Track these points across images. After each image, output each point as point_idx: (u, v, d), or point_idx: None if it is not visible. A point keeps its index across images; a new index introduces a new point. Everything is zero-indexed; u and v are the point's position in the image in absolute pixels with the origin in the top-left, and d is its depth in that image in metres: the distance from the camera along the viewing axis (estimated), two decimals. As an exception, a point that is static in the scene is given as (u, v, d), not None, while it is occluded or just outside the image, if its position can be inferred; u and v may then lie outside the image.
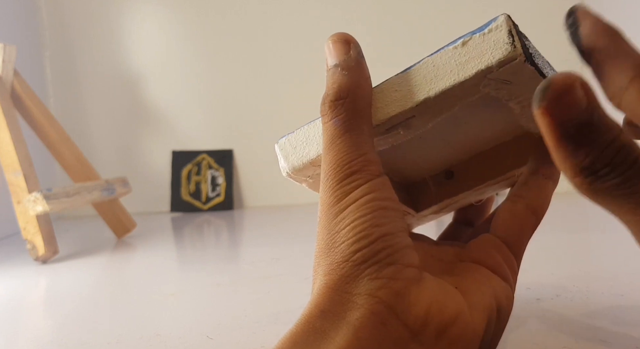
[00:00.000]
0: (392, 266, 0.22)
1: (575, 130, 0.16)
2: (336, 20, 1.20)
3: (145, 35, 1.22)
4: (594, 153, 0.16)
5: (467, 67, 0.24)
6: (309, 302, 0.23)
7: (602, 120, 0.16)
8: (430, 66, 0.25)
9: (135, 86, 1.22)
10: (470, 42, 0.24)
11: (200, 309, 0.43)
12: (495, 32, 0.24)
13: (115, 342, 0.36)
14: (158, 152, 1.24)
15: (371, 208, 0.22)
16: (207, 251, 0.72)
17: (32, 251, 0.68)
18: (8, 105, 0.72)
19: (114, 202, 0.85)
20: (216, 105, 1.23)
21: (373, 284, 0.22)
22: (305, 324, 0.22)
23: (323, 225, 0.23)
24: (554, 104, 0.16)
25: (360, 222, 0.22)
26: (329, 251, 0.23)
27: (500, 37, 0.24)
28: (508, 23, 0.24)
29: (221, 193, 1.21)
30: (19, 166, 0.69)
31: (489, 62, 0.23)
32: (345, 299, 0.22)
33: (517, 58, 0.23)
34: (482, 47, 0.24)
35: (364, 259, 0.22)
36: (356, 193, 0.23)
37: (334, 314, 0.21)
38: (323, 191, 0.24)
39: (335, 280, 0.22)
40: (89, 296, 0.52)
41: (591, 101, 0.16)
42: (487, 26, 0.24)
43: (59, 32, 1.21)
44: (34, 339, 0.39)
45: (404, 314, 0.21)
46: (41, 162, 0.89)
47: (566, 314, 0.36)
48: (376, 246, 0.22)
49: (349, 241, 0.22)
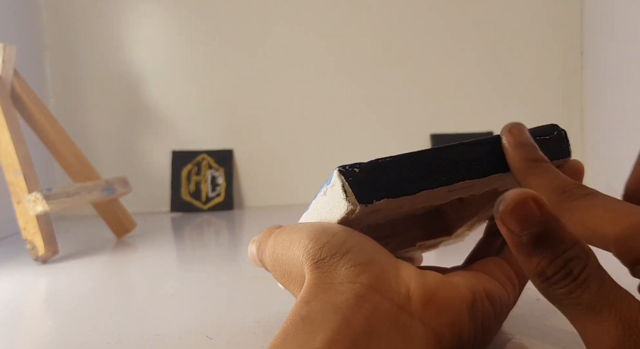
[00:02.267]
0: (366, 253, 0.24)
1: (528, 239, 0.19)
2: (336, 21, 1.20)
3: (145, 35, 1.22)
4: (545, 262, 0.19)
5: (333, 214, 0.26)
6: (296, 301, 0.24)
7: (556, 233, 0.19)
8: (315, 209, 0.28)
9: (135, 86, 1.22)
10: (327, 193, 0.26)
11: (200, 309, 0.43)
12: (335, 188, 0.25)
13: (115, 342, 0.36)
14: (158, 152, 1.24)
15: None
16: (207, 251, 0.72)
17: (32, 251, 0.68)
18: (8, 105, 0.72)
19: (114, 202, 0.85)
20: (216, 105, 1.23)
21: (352, 271, 0.23)
22: (293, 316, 0.22)
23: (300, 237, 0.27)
24: (507, 217, 0.19)
25: None
26: (307, 251, 0.25)
27: (338, 193, 0.25)
28: (341, 179, 0.25)
29: (221, 193, 1.21)
30: (19, 166, 0.69)
31: (341, 213, 0.25)
32: (327, 289, 0.23)
33: (357, 208, 0.25)
34: (332, 198, 0.26)
35: (335, 250, 0.24)
36: None
37: (318, 302, 0.22)
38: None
39: (315, 277, 0.24)
40: (89, 296, 0.52)
41: (544, 214, 0.19)
42: (330, 180, 0.26)
43: (59, 32, 1.20)
44: (34, 339, 0.39)
45: (386, 292, 0.22)
46: (41, 162, 0.89)
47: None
48: (338, 239, 0.24)
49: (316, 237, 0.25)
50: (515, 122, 0.27)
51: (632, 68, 0.91)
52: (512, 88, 1.20)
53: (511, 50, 1.19)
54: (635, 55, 0.90)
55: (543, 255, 0.19)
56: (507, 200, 0.19)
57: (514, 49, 1.19)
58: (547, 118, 1.18)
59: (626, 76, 0.94)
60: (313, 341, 0.20)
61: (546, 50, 1.18)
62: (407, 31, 1.20)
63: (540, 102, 1.19)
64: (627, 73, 0.93)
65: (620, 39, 0.96)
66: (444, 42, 1.20)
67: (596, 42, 1.09)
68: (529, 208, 0.18)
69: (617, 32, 0.98)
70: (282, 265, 0.27)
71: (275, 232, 0.29)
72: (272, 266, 0.28)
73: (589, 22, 1.13)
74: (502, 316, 0.26)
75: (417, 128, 1.20)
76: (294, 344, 0.21)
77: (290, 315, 0.23)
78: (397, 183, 0.25)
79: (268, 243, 0.29)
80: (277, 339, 0.22)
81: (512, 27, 1.19)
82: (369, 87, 1.21)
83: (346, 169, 0.25)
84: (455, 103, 1.21)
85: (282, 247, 0.27)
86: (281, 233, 0.28)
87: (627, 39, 0.93)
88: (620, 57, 0.96)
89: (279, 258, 0.27)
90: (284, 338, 0.21)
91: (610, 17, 1.02)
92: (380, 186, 0.25)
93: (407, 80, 1.21)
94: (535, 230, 0.18)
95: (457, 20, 1.20)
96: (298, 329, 0.21)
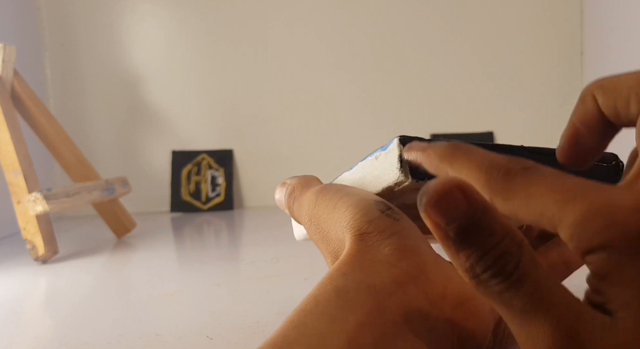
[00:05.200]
0: (410, 240, 0.23)
1: (455, 233, 0.16)
2: (337, 22, 1.21)
3: (145, 35, 1.22)
4: (473, 258, 0.16)
5: (379, 180, 0.26)
6: (330, 268, 0.23)
7: (485, 225, 0.16)
8: (359, 171, 0.28)
9: (135, 86, 1.22)
10: (380, 158, 0.26)
11: (200, 309, 0.43)
12: (390, 155, 0.25)
13: (116, 342, 0.36)
14: (158, 152, 1.24)
15: (368, 194, 0.27)
16: (207, 251, 0.72)
17: (32, 251, 0.68)
18: (8, 105, 0.72)
19: (114, 202, 0.84)
20: (216, 105, 1.23)
21: (396, 254, 0.22)
22: (327, 284, 0.22)
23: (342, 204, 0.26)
24: (431, 209, 0.16)
25: (365, 202, 0.25)
26: (349, 224, 0.24)
27: (393, 161, 0.25)
28: (399, 148, 0.25)
29: (221, 193, 1.21)
30: (19, 166, 0.69)
31: (389, 182, 0.25)
32: (366, 265, 0.22)
33: (408, 181, 0.24)
34: (384, 165, 0.26)
35: (383, 228, 0.23)
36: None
37: (355, 277, 0.22)
38: None
39: (356, 250, 0.23)
40: (89, 296, 0.52)
41: (472, 205, 0.16)
42: (387, 146, 0.26)
43: (59, 32, 1.21)
44: (34, 339, 0.39)
45: (423, 285, 0.22)
46: (41, 162, 0.89)
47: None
48: (388, 217, 0.24)
49: (361, 213, 0.24)
50: None
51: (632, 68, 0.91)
52: (512, 88, 1.20)
53: (511, 50, 1.19)
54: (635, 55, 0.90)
55: (471, 250, 0.16)
56: (430, 192, 0.16)
57: (514, 49, 1.19)
58: (547, 118, 1.18)
59: (626, 76, 0.93)
60: (344, 320, 0.20)
61: (546, 50, 1.18)
62: (408, 31, 1.20)
63: (540, 102, 1.19)
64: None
65: (620, 39, 0.96)
66: (444, 42, 1.20)
67: (596, 42, 1.09)
68: (454, 199, 0.16)
69: (617, 32, 0.98)
70: (321, 223, 0.26)
71: (316, 187, 0.28)
72: (309, 220, 0.27)
73: (589, 22, 1.13)
74: None
75: (417, 128, 1.20)
76: (325, 317, 0.20)
77: (324, 282, 0.22)
78: None
79: (307, 195, 0.28)
80: (307, 304, 0.21)
81: (512, 28, 1.19)
82: (369, 87, 1.21)
83: (407, 139, 0.24)
84: (455, 103, 1.21)
85: (326, 207, 0.26)
86: (327, 192, 0.27)
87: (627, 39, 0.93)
88: (620, 57, 0.96)
89: (320, 215, 0.26)
90: (314, 306, 0.21)
91: (610, 16, 1.02)
92: None
93: (408, 80, 1.21)
94: (462, 223, 0.16)
95: (457, 21, 1.20)
96: (330, 301, 0.21)
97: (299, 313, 0.21)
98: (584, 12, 1.15)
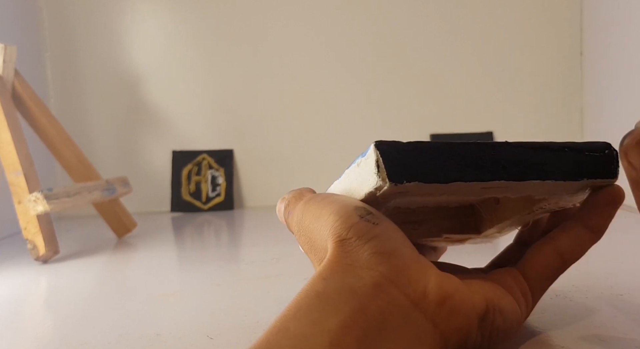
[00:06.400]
0: (389, 243, 0.23)
1: None
2: (337, 22, 1.21)
3: (145, 35, 1.22)
4: None
5: (362, 186, 0.26)
6: (314, 275, 0.23)
7: None
8: (346, 179, 0.28)
9: (135, 86, 1.22)
10: (361, 165, 0.26)
11: (200, 309, 0.43)
12: (369, 161, 0.25)
13: (116, 342, 0.36)
14: (158, 152, 1.24)
15: (349, 200, 0.27)
16: (207, 251, 0.72)
17: (32, 251, 0.68)
18: (9, 105, 0.72)
19: (114, 202, 0.85)
20: (216, 105, 1.23)
21: (374, 259, 0.23)
22: (308, 290, 0.22)
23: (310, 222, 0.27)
24: (631, 150, 0.20)
25: (345, 207, 0.26)
26: (330, 231, 0.25)
27: (371, 167, 0.25)
28: (376, 153, 0.24)
29: (221, 193, 1.21)
30: (20, 166, 0.69)
31: (370, 187, 0.25)
32: (346, 270, 0.22)
33: (386, 186, 0.24)
34: (365, 171, 0.25)
35: (361, 234, 0.23)
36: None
37: (336, 281, 0.22)
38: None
39: (336, 255, 0.23)
40: (89, 295, 0.52)
41: None
42: (366, 152, 0.25)
43: (59, 32, 1.21)
44: (34, 339, 0.39)
45: (404, 287, 0.22)
46: (42, 162, 0.89)
47: (565, 314, 0.36)
48: (367, 222, 0.24)
49: (341, 219, 0.25)
50: None
51: (632, 69, 0.91)
52: (512, 88, 1.20)
53: (511, 50, 1.19)
54: (634, 55, 0.90)
55: None
56: (635, 133, 0.18)
57: (514, 49, 1.19)
58: (547, 118, 1.18)
59: (626, 76, 0.94)
60: (326, 322, 0.20)
61: (546, 50, 1.18)
62: (408, 32, 1.20)
63: (540, 102, 1.19)
64: (626, 74, 0.93)
65: (620, 39, 0.96)
66: (444, 43, 1.20)
67: (596, 42, 1.09)
68: None
69: (616, 32, 0.98)
70: (308, 233, 0.27)
71: (306, 198, 0.29)
72: (298, 231, 0.28)
73: (589, 22, 1.13)
74: (511, 330, 0.26)
75: (417, 128, 1.20)
76: (307, 320, 0.20)
77: (306, 288, 0.22)
78: (432, 169, 0.24)
79: (297, 207, 0.29)
80: (289, 310, 0.22)
81: (512, 27, 1.19)
82: (369, 87, 1.21)
83: (383, 144, 0.24)
84: (455, 103, 1.21)
85: (311, 216, 0.27)
86: (312, 202, 0.27)
87: (627, 39, 0.93)
88: (620, 57, 0.96)
89: (306, 226, 0.27)
90: (296, 310, 0.21)
91: (609, 17, 1.02)
92: (413, 169, 0.24)
93: (408, 80, 1.21)
94: None
95: (457, 21, 1.20)
96: (312, 305, 0.21)
97: (282, 318, 0.21)
98: (584, 12, 1.15)
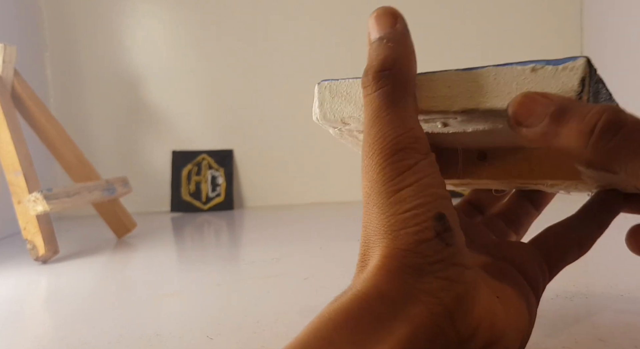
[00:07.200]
0: (456, 267, 0.21)
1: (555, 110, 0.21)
2: (337, 21, 1.21)
3: (145, 35, 1.22)
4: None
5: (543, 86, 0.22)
6: (363, 280, 0.21)
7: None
8: (491, 77, 0.24)
9: (135, 86, 1.22)
10: (540, 71, 0.22)
11: (200, 309, 0.43)
12: (569, 74, 0.22)
13: (116, 342, 0.36)
14: (158, 152, 1.24)
15: (431, 197, 0.21)
16: (207, 251, 0.72)
17: (32, 251, 0.68)
18: (8, 105, 0.72)
19: (114, 202, 0.85)
20: (216, 105, 1.23)
21: (437, 283, 0.21)
22: (362, 303, 0.20)
23: (375, 202, 0.22)
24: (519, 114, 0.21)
25: (423, 211, 0.21)
26: (387, 234, 0.21)
27: (571, 82, 0.21)
28: (585, 70, 0.21)
29: (221, 193, 1.21)
30: (19, 166, 0.69)
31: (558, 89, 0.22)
32: (406, 290, 0.21)
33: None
34: (549, 81, 0.22)
35: (430, 253, 0.21)
36: (411, 176, 0.21)
37: (393, 301, 0.20)
38: (369, 166, 0.22)
39: (397, 266, 0.21)
40: (89, 296, 0.52)
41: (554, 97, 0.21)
42: (563, 62, 0.22)
43: (59, 32, 1.21)
44: (34, 339, 0.39)
45: (459, 321, 0.21)
46: (41, 162, 0.89)
47: (565, 314, 0.36)
48: None
49: (412, 230, 0.21)
50: None
51: (632, 69, 0.91)
52: (512, 88, 1.20)
53: (511, 50, 1.19)
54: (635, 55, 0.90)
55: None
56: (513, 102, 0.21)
57: (514, 48, 1.19)
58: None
59: (626, 76, 0.94)
60: (371, 343, 0.19)
61: (546, 50, 1.18)
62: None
63: (540, 102, 1.19)
64: (626, 74, 0.93)
65: (620, 39, 0.96)
66: (444, 43, 1.20)
67: (596, 42, 1.09)
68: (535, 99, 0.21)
69: (616, 32, 0.98)
70: (368, 196, 0.22)
71: (424, 151, 0.22)
72: (370, 124, 0.23)
73: (589, 22, 1.13)
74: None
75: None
76: (355, 331, 0.19)
77: (358, 298, 0.20)
78: None
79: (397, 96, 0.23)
80: (338, 316, 0.20)
81: (512, 27, 1.19)
82: (369, 87, 1.21)
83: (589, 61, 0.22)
84: (455, 104, 1.21)
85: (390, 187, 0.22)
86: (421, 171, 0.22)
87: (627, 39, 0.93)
88: (620, 57, 0.96)
89: (374, 187, 0.22)
90: (346, 316, 0.20)
91: (610, 17, 1.02)
92: None
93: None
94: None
95: (456, 20, 1.20)
96: (362, 322, 0.20)
97: (327, 323, 0.20)
98: (584, 12, 1.15)
